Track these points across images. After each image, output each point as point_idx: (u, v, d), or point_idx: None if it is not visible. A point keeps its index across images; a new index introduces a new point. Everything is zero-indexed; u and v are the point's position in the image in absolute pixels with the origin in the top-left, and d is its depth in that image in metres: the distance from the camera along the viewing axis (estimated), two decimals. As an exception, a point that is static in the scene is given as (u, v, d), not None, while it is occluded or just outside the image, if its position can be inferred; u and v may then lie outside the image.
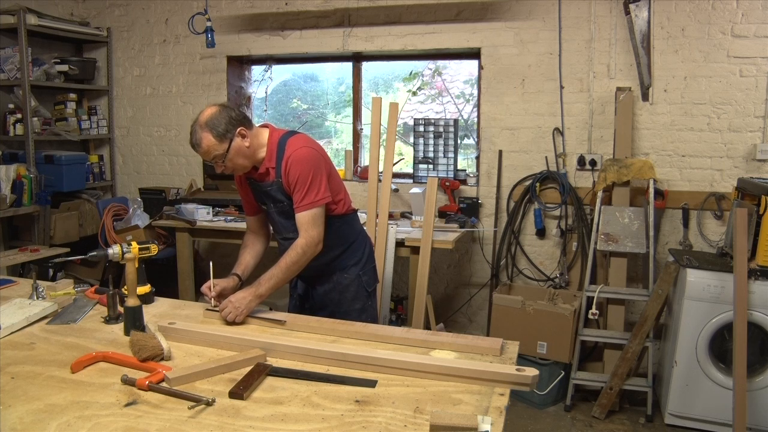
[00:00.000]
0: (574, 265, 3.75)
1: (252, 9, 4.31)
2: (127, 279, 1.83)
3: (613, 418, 3.23)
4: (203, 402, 1.31)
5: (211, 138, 1.93)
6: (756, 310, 2.83)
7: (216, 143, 1.94)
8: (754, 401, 2.85)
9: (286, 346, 1.61)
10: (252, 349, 1.60)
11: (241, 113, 2.02)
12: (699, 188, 3.49)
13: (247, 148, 1.99)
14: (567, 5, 3.62)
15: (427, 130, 4.00)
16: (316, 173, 2.00)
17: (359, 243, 2.29)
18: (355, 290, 2.25)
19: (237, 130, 1.95)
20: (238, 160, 2.00)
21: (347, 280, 2.24)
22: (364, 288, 2.28)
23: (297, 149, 2.00)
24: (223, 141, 1.94)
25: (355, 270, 2.25)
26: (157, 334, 1.63)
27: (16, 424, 1.25)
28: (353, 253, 2.26)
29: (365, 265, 2.29)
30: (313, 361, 1.58)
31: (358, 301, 2.26)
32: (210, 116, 1.94)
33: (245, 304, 1.90)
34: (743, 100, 3.36)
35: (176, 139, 4.72)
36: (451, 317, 4.12)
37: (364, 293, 2.28)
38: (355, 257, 2.26)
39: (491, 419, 1.24)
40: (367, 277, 2.29)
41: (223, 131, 1.93)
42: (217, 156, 1.96)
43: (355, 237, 2.28)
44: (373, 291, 2.34)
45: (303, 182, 1.98)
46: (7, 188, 3.91)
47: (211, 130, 1.93)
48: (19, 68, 4.07)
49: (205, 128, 1.93)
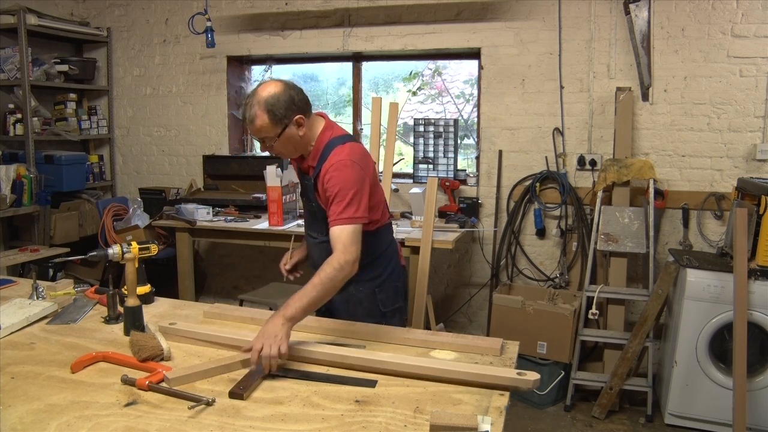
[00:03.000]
0: (574, 265, 3.75)
1: (252, 9, 4.31)
2: (127, 279, 1.82)
3: (613, 418, 3.23)
4: (203, 402, 1.31)
5: (266, 119, 1.79)
6: (756, 310, 2.83)
7: (270, 125, 1.80)
8: (754, 401, 2.85)
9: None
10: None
11: (304, 97, 1.87)
12: (699, 188, 3.49)
13: (300, 137, 1.86)
14: (567, 5, 3.62)
15: (427, 130, 4.00)
16: (357, 191, 1.81)
17: (383, 259, 2.10)
18: (368, 306, 2.08)
19: (295, 117, 1.82)
20: (288, 147, 1.88)
21: (362, 294, 2.07)
22: (378, 306, 2.08)
23: (340, 160, 1.82)
24: (277, 125, 1.80)
25: (371, 285, 2.07)
26: (157, 334, 1.63)
27: (16, 424, 1.25)
28: (373, 268, 2.06)
29: (384, 283, 2.10)
30: (314, 362, 1.58)
31: (370, 318, 2.03)
32: (271, 95, 1.79)
33: (281, 334, 1.57)
34: (743, 100, 3.36)
35: (176, 139, 4.72)
36: (451, 317, 4.12)
37: (378, 312, 2.08)
38: (373, 272, 2.07)
39: (491, 419, 1.24)
40: (383, 296, 2.09)
41: (281, 115, 1.79)
42: (267, 138, 1.84)
43: (379, 252, 2.09)
44: (393, 311, 2.13)
45: (342, 196, 1.80)
46: (7, 188, 3.91)
47: (269, 111, 1.78)
48: (19, 68, 4.06)
49: (263, 106, 1.78)
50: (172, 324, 1.75)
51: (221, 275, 4.68)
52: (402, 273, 2.21)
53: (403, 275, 2.22)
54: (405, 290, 2.22)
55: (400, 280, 2.18)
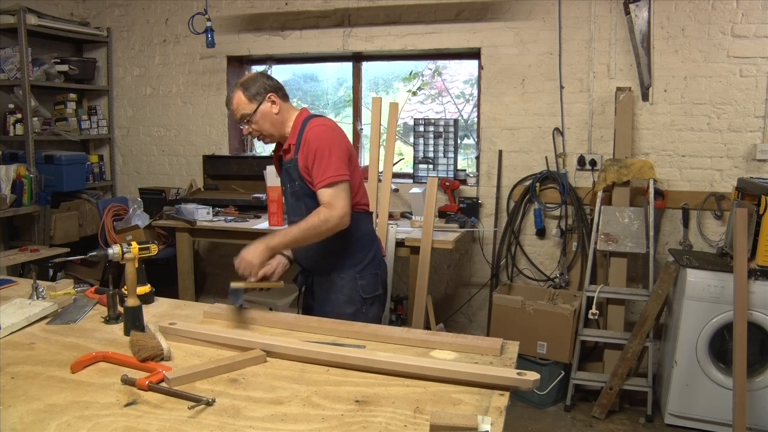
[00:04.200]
0: (574, 265, 3.75)
1: (252, 9, 4.31)
2: (127, 279, 1.82)
3: (613, 418, 3.23)
4: (203, 402, 1.31)
5: (241, 95, 2.05)
6: (756, 310, 2.83)
7: (245, 102, 2.05)
8: (754, 401, 2.85)
9: (287, 347, 1.61)
10: (252, 350, 1.60)
11: (278, 84, 2.12)
12: (699, 188, 3.49)
13: (276, 115, 2.08)
14: (567, 5, 3.62)
15: (427, 130, 4.00)
16: (334, 148, 1.99)
17: (363, 244, 2.20)
18: (348, 293, 2.16)
19: (268, 95, 2.06)
20: (265, 125, 2.08)
21: (343, 281, 2.16)
22: (359, 293, 2.17)
23: (318, 125, 2.04)
24: (252, 101, 2.05)
25: (352, 272, 2.17)
26: (157, 334, 1.63)
27: (16, 424, 1.25)
28: (354, 253, 2.17)
29: (365, 270, 2.19)
30: (313, 362, 1.58)
31: (350, 305, 2.15)
32: (247, 78, 2.09)
33: (258, 255, 1.92)
34: (743, 100, 3.36)
35: (176, 139, 4.72)
36: (451, 317, 4.12)
37: (359, 298, 2.17)
38: (354, 258, 2.18)
39: (491, 419, 1.24)
40: (364, 282, 2.18)
41: (254, 92, 2.05)
42: (244, 115, 2.06)
43: (359, 237, 2.18)
44: (373, 299, 2.22)
45: (321, 156, 1.97)
46: (7, 188, 3.91)
47: (244, 89, 2.05)
48: (19, 68, 4.06)
49: (239, 87, 2.07)
50: (173, 324, 1.75)
51: (221, 275, 4.68)
52: (382, 263, 2.30)
53: (383, 266, 2.31)
54: (384, 281, 2.31)
55: (380, 269, 2.28)
